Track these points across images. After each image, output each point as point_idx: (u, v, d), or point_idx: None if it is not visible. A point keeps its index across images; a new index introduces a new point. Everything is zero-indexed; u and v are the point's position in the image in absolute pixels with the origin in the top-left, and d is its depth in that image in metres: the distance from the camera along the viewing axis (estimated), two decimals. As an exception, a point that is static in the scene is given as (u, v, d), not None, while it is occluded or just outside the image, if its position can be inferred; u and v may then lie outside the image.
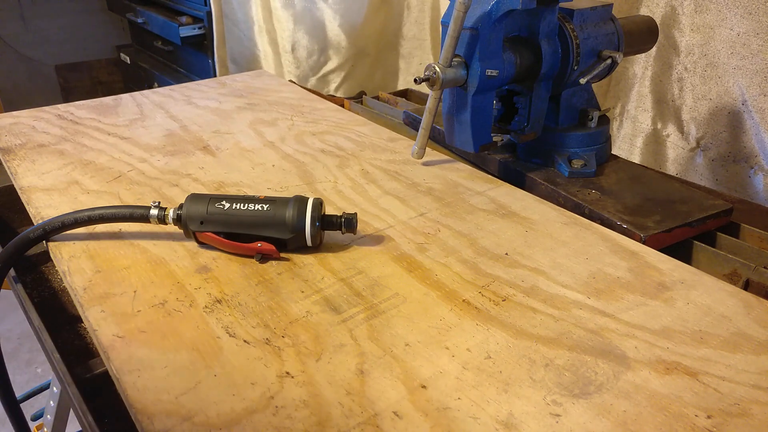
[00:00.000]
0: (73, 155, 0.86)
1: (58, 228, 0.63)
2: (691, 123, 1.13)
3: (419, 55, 1.69)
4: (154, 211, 0.63)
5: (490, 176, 0.83)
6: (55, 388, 1.05)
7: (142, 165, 0.84)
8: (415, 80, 0.72)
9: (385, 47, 1.70)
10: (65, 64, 2.96)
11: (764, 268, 0.68)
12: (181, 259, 0.62)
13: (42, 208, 0.72)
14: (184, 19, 2.00)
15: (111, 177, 0.80)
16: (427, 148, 0.84)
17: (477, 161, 0.91)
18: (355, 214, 0.64)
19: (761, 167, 1.04)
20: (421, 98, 1.26)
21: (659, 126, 1.20)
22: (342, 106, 1.17)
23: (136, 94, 1.13)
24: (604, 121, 0.87)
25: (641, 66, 1.19)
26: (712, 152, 1.11)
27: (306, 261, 0.63)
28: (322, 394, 0.46)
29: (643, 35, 0.90)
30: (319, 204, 0.63)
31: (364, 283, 0.59)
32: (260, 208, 0.62)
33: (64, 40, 2.92)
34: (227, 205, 0.62)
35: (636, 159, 1.24)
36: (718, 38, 1.04)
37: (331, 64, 1.67)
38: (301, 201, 0.62)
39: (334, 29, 1.62)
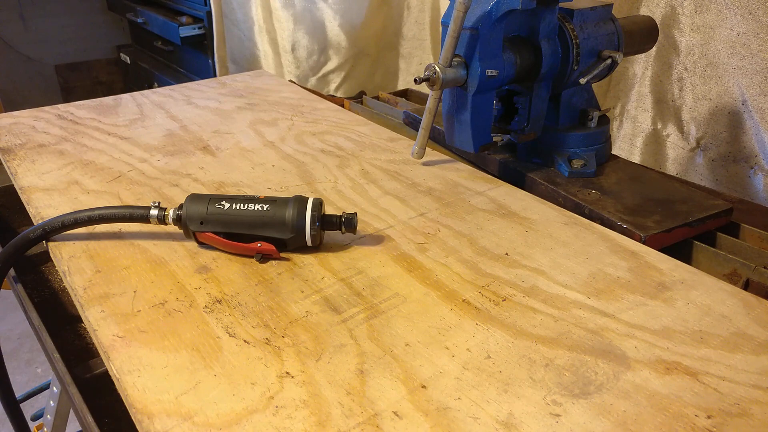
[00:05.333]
0: (73, 155, 0.86)
1: (58, 228, 0.63)
2: (691, 123, 1.13)
3: (419, 55, 1.69)
4: (154, 212, 0.63)
5: (490, 176, 0.83)
6: (55, 388, 1.05)
7: (142, 165, 0.84)
8: (415, 80, 0.72)
9: (385, 47, 1.70)
10: (65, 64, 2.96)
11: (764, 268, 0.68)
12: (181, 259, 0.62)
13: (42, 208, 0.72)
14: (184, 19, 2.00)
15: (111, 177, 0.80)
16: (427, 148, 0.84)
17: (477, 161, 0.91)
18: (355, 214, 0.64)
19: (761, 167, 1.04)
20: (421, 98, 1.26)
21: (659, 126, 1.20)
22: (342, 106, 1.17)
23: (136, 94, 1.13)
24: (604, 121, 0.87)
25: (641, 66, 1.19)
26: (712, 152, 1.11)
27: (306, 261, 0.63)
28: (322, 394, 0.46)
29: (643, 35, 0.90)
30: (319, 204, 0.63)
31: (364, 283, 0.59)
32: (260, 208, 0.62)
33: (64, 40, 2.91)
34: (227, 205, 0.62)
35: (636, 159, 1.24)
36: (718, 38, 1.04)
37: (331, 64, 1.67)
38: (301, 201, 0.62)
39: (334, 29, 1.62)
